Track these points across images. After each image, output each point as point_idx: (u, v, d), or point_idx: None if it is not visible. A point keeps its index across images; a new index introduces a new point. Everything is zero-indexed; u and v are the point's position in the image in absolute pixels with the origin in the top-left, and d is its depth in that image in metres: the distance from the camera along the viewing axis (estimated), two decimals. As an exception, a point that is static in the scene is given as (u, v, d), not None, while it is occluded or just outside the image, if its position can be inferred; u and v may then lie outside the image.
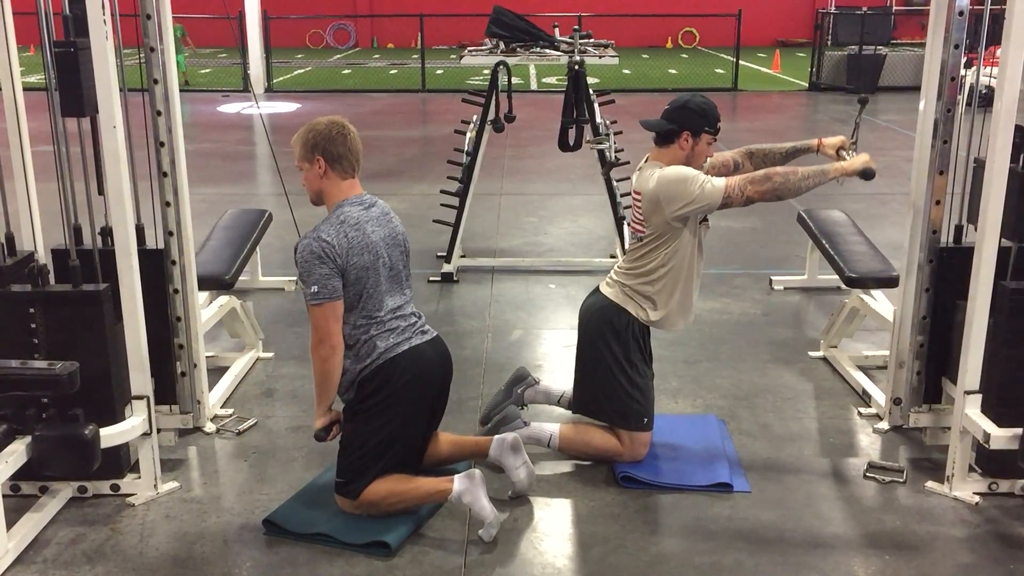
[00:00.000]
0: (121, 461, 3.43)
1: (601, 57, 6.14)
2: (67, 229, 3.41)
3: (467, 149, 6.00)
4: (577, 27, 5.94)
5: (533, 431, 3.66)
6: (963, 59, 3.53)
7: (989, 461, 3.43)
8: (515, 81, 6.06)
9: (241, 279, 5.10)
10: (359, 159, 3.22)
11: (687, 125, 3.43)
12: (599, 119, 5.90)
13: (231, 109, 14.47)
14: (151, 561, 3.06)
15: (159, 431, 3.55)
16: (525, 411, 3.86)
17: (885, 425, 3.97)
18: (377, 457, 3.17)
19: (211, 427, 3.95)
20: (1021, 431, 3.20)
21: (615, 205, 6.05)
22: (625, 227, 4.64)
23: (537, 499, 3.42)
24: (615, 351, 3.53)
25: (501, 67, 5.80)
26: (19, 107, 3.49)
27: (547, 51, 6.07)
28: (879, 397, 4.09)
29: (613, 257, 6.19)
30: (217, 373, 4.39)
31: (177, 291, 3.76)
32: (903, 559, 3.08)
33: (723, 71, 19.26)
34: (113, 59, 3.15)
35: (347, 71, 20.84)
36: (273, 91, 16.77)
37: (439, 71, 19.60)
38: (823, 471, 3.65)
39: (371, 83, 18.14)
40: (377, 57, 24.32)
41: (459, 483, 3.15)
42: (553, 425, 3.70)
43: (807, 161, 3.49)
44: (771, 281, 5.90)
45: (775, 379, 4.51)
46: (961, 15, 3.45)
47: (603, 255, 6.45)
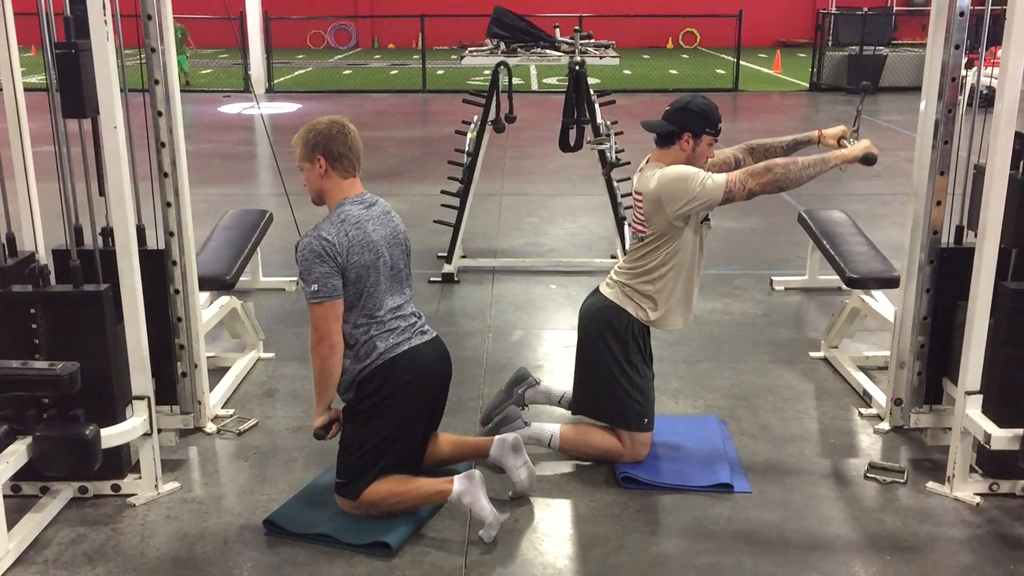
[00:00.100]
0: (122, 461, 3.43)
1: (602, 58, 6.14)
2: (68, 229, 3.41)
3: (468, 149, 6.00)
4: (578, 27, 5.94)
5: (534, 431, 3.66)
6: (964, 60, 3.53)
7: (990, 462, 3.43)
8: (516, 81, 6.05)
9: (242, 279, 5.11)
10: (360, 158, 3.22)
11: (688, 126, 3.43)
12: (600, 120, 5.90)
13: (232, 109, 14.48)
14: (152, 561, 3.06)
15: (160, 431, 3.55)
16: (526, 411, 3.86)
17: (886, 426, 3.97)
18: (377, 457, 3.17)
19: (212, 427, 3.95)
20: (1022, 432, 3.20)
21: (616, 205, 6.05)
22: (626, 227, 4.64)
23: (538, 499, 3.42)
24: (615, 351, 3.53)
25: (502, 67, 5.80)
26: (20, 107, 3.49)
27: (548, 52, 6.07)
28: (880, 398, 4.09)
29: (614, 257, 6.19)
30: (218, 373, 4.39)
31: (178, 291, 3.76)
32: (904, 560, 3.08)
33: (724, 71, 19.26)
34: (114, 60, 3.15)
35: (348, 71, 20.85)
36: (274, 91, 16.78)
37: (440, 71, 19.61)
38: (824, 472, 3.65)
39: (372, 83, 18.15)
40: (378, 57, 24.33)
41: (459, 484, 3.15)
42: (554, 425, 3.70)
43: (809, 153, 3.49)
44: (772, 281, 5.90)
45: (776, 379, 4.51)
46: (962, 16, 3.45)
47: (604, 255, 6.45)
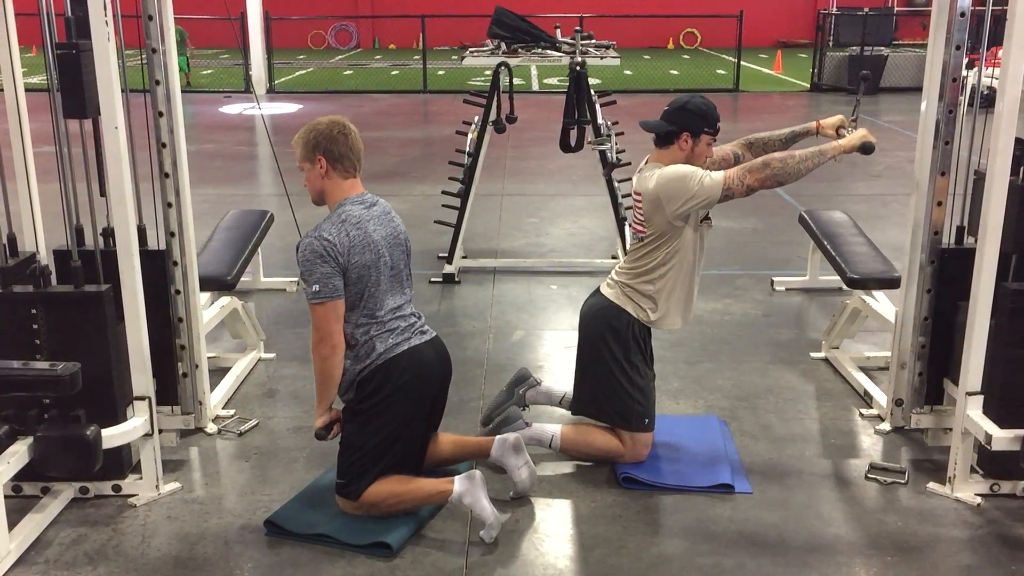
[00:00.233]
0: (123, 462, 3.43)
1: (603, 58, 6.13)
2: (69, 230, 3.41)
3: (469, 150, 6.00)
4: (579, 28, 5.92)
5: (534, 432, 3.66)
6: (965, 60, 3.53)
7: (991, 462, 3.43)
8: (516, 82, 6.06)
9: (243, 280, 5.11)
10: (360, 158, 3.22)
11: (686, 126, 3.43)
12: (600, 120, 5.90)
13: (233, 110, 14.48)
14: (152, 562, 3.06)
15: (161, 432, 3.55)
16: (526, 412, 3.86)
17: (887, 426, 3.96)
18: (377, 458, 3.17)
19: (213, 428, 3.95)
20: (1023, 432, 3.20)
21: (616, 206, 6.05)
22: (626, 228, 4.63)
23: (538, 500, 3.42)
24: (615, 352, 3.53)
25: (503, 68, 5.80)
26: (21, 108, 3.50)
27: (548, 52, 6.06)
28: (880, 398, 4.09)
29: (614, 258, 6.19)
30: (219, 374, 4.39)
31: (179, 292, 3.76)
32: (905, 560, 3.08)
33: (724, 72, 19.25)
34: (115, 60, 3.15)
35: (349, 72, 20.85)
36: (275, 92, 16.78)
37: (441, 72, 19.61)
38: (824, 472, 3.65)
39: (373, 84, 18.16)
40: (379, 58, 24.33)
41: (460, 484, 3.15)
42: (554, 426, 3.70)
43: (807, 145, 3.48)
44: (772, 282, 5.90)
45: (776, 380, 4.51)
46: (963, 16, 3.45)
47: (604, 256, 6.45)
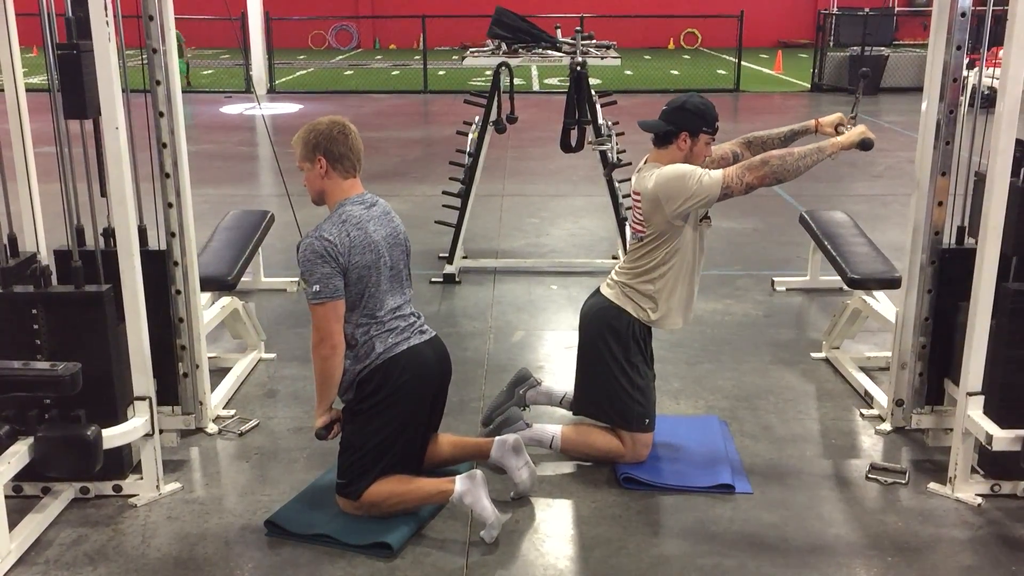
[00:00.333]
0: (123, 462, 3.44)
1: (603, 58, 6.13)
2: (69, 230, 3.41)
3: (469, 150, 6.00)
4: (579, 28, 5.92)
5: (535, 432, 3.66)
6: (965, 60, 3.53)
7: (991, 463, 3.43)
8: (517, 82, 6.05)
9: (243, 280, 5.11)
10: (360, 158, 3.22)
11: (685, 126, 3.43)
12: (601, 120, 5.90)
13: (233, 110, 14.48)
14: (153, 562, 3.06)
15: (161, 432, 3.55)
16: (527, 412, 3.86)
17: (887, 426, 3.96)
18: (378, 458, 3.17)
19: (213, 428, 3.96)
20: (1023, 432, 3.20)
21: (617, 206, 6.05)
22: (627, 228, 4.64)
23: (539, 500, 3.42)
24: (615, 352, 3.53)
25: (503, 68, 5.80)
26: (22, 108, 3.50)
27: (549, 52, 6.06)
28: (881, 398, 4.09)
29: (615, 258, 6.19)
30: (219, 374, 4.39)
31: (179, 292, 3.76)
32: (905, 561, 3.07)
33: (725, 72, 19.24)
34: (116, 61, 3.15)
35: (349, 72, 20.85)
36: (275, 92, 16.78)
37: (441, 72, 19.60)
38: (825, 473, 3.65)
39: (373, 84, 18.15)
40: (379, 58, 24.32)
41: (460, 484, 3.14)
42: (555, 426, 3.70)
43: (806, 143, 3.48)
44: (773, 282, 5.90)
45: (777, 380, 4.51)
46: (963, 16, 3.45)
47: (605, 256, 6.45)
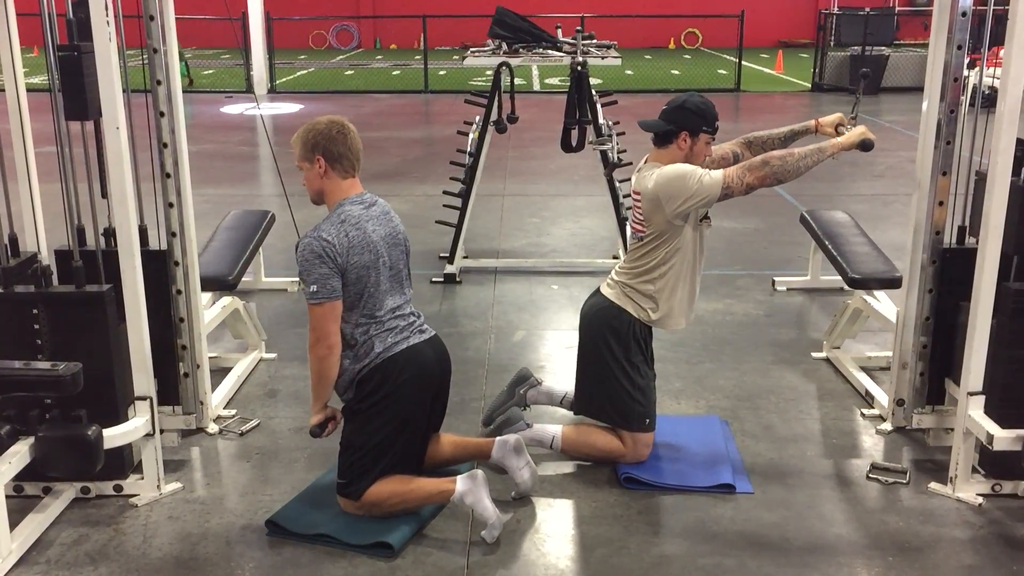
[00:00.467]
0: (124, 462, 3.44)
1: (604, 58, 6.13)
2: (70, 230, 3.41)
3: (470, 150, 6.00)
4: (580, 28, 5.92)
5: (535, 432, 3.66)
6: (966, 60, 3.53)
7: (992, 462, 3.43)
8: (518, 82, 6.04)
9: (244, 280, 5.10)
10: (359, 158, 3.22)
11: (685, 125, 3.43)
12: (601, 120, 5.89)
13: (234, 110, 14.48)
14: (154, 562, 3.06)
15: (162, 432, 3.56)
16: (527, 412, 3.86)
17: (888, 426, 3.96)
18: (378, 457, 3.17)
19: (214, 428, 3.96)
20: (1024, 432, 3.20)
21: (617, 206, 6.05)
22: (627, 227, 4.64)
23: (539, 500, 3.42)
24: (616, 352, 3.53)
25: (504, 68, 5.80)
26: (23, 108, 3.50)
27: (550, 52, 6.06)
28: (882, 398, 4.09)
29: (616, 258, 6.18)
30: (220, 374, 4.39)
31: (180, 292, 3.76)
32: (906, 560, 3.07)
33: (726, 72, 19.23)
34: (116, 61, 3.15)
35: (350, 72, 20.84)
36: (276, 92, 16.78)
37: (442, 72, 19.60)
38: (826, 472, 3.64)
39: (374, 84, 18.14)
40: (380, 58, 24.31)
41: (462, 484, 3.14)
42: (555, 426, 3.70)
43: (806, 143, 3.48)
44: (774, 282, 5.90)
45: (778, 380, 4.51)
46: (964, 16, 3.45)
47: (606, 256, 6.45)
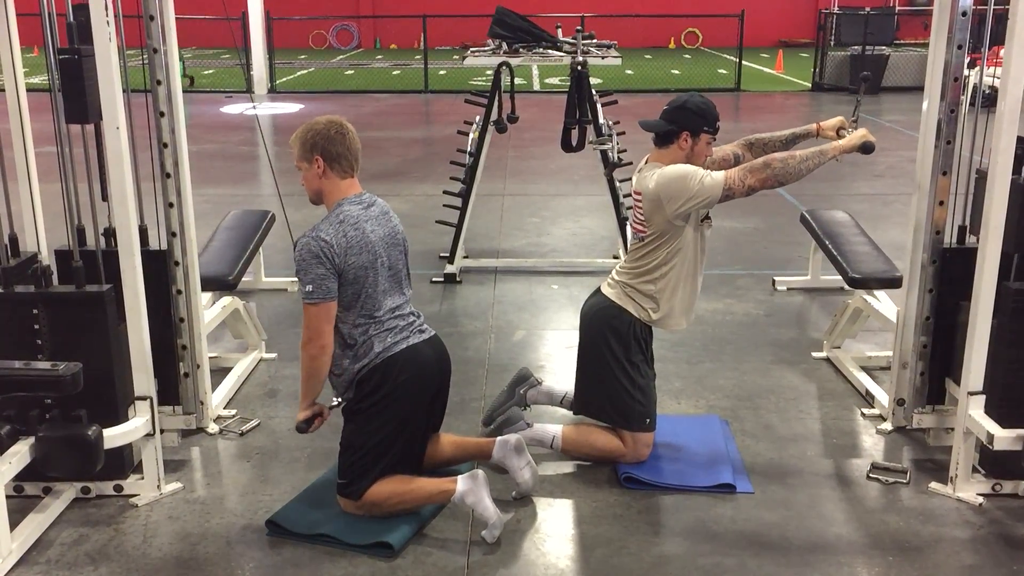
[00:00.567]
0: (124, 462, 3.44)
1: (604, 58, 6.13)
2: (70, 230, 3.41)
3: (470, 150, 6.00)
4: (580, 28, 5.92)
5: (536, 432, 3.66)
6: (966, 59, 3.53)
7: (993, 462, 3.43)
8: (518, 82, 6.04)
9: (244, 280, 5.10)
10: (358, 158, 3.22)
11: (686, 125, 3.43)
12: (602, 120, 5.89)
13: (234, 110, 14.49)
14: (154, 562, 3.06)
15: (162, 432, 3.56)
16: (527, 412, 3.86)
17: (888, 426, 3.96)
18: (378, 457, 3.17)
19: (214, 428, 3.96)
20: (1025, 432, 3.20)
21: (617, 206, 6.05)
22: (627, 227, 4.64)
23: (540, 500, 3.42)
24: (616, 352, 3.53)
25: (504, 68, 5.80)
26: (23, 108, 3.50)
27: (550, 52, 6.06)
28: (882, 398, 4.09)
29: (616, 258, 6.18)
30: (220, 374, 4.39)
31: (180, 292, 3.76)
32: (906, 560, 3.07)
33: (726, 71, 19.23)
34: (116, 61, 3.15)
35: (350, 72, 20.85)
36: (276, 92, 16.78)
37: (442, 72, 19.60)
38: (826, 472, 3.64)
39: (374, 84, 18.14)
40: (380, 58, 24.32)
41: (462, 484, 3.14)
42: (556, 426, 3.70)
43: (808, 146, 3.48)
44: (774, 282, 5.90)
45: (778, 380, 4.51)
46: (964, 15, 3.45)
47: (606, 256, 6.45)
